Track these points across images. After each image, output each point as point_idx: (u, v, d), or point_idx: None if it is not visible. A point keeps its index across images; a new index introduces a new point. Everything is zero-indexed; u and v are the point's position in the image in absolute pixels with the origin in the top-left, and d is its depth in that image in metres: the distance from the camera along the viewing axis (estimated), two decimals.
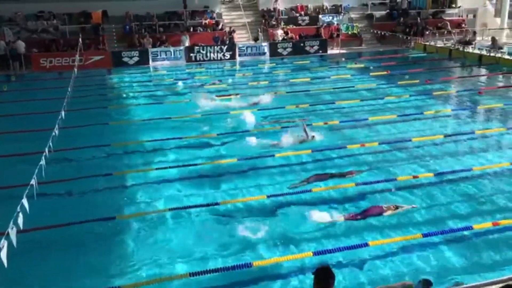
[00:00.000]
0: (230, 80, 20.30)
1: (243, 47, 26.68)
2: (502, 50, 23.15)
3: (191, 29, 27.89)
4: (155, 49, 25.82)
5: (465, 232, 7.52)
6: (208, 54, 25.98)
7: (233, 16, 30.01)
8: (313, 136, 12.03)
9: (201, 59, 25.89)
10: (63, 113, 12.74)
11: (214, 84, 19.83)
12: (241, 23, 29.29)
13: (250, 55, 26.48)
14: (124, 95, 18.74)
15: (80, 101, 16.22)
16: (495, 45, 23.33)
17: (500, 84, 18.93)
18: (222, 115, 14.75)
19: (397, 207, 8.33)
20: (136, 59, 25.27)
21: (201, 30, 27.97)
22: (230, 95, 17.39)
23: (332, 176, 9.90)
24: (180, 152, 11.88)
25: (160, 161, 11.15)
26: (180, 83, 20.34)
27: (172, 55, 25.72)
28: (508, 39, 27.93)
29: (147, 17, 28.19)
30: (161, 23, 28.05)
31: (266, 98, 16.44)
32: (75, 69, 19.78)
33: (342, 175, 9.93)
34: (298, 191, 9.19)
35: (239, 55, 26.34)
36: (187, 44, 26.50)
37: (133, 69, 24.35)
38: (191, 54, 25.82)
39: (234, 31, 27.70)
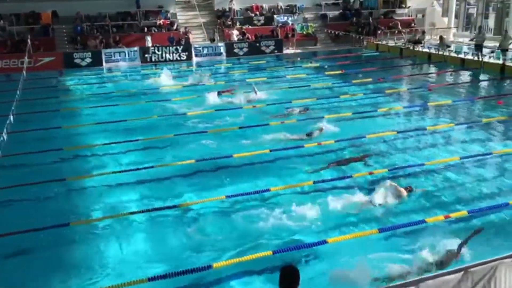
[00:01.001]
0: (185, 82, 20.06)
1: (199, 47, 26.54)
2: (449, 49, 24.06)
3: (145, 30, 27.46)
4: (108, 50, 25.27)
5: (417, 226, 7.73)
6: (164, 55, 25.67)
7: (188, 16, 29.79)
8: (322, 129, 12.42)
9: (157, 60, 25.55)
10: (11, 117, 12.25)
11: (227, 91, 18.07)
12: (197, 23, 29.11)
13: (206, 56, 26.37)
14: (77, 98, 18.23)
15: (30, 104, 15.66)
16: (443, 43, 24.21)
17: (448, 82, 19.66)
18: (179, 117, 14.61)
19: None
20: (88, 60, 24.65)
21: (156, 30, 27.59)
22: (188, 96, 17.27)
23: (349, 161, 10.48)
24: (136, 154, 11.66)
25: (115, 165, 10.91)
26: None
27: (127, 56, 25.27)
28: (455, 37, 29.08)
29: (99, 17, 27.56)
30: (114, 23, 27.47)
31: (224, 99, 16.41)
32: (24, 71, 19.07)
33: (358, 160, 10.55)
34: (258, 191, 9.22)
35: (195, 56, 26.16)
36: (150, 44, 26.11)
37: (86, 71, 23.74)
38: (146, 55, 25.44)
39: (189, 31, 27.48)
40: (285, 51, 27.65)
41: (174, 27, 28.17)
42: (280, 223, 8.05)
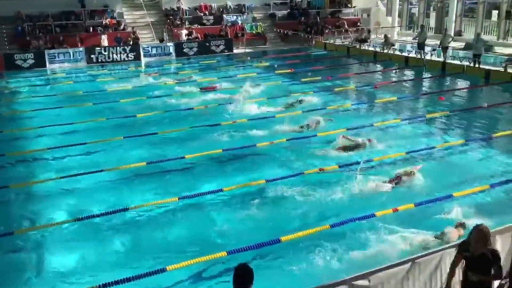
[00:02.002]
0: (132, 84, 19.62)
1: (148, 47, 26.09)
2: (394, 47, 24.89)
3: (91, 29, 26.70)
4: (52, 51, 24.38)
5: (366, 221, 7.94)
6: (111, 55, 25.05)
7: (136, 15, 29.22)
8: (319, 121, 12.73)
9: (103, 60, 24.89)
10: None
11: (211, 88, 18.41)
12: (144, 22, 28.61)
13: (155, 56, 25.96)
14: (19, 101, 17.48)
15: None
16: (387, 42, 25.00)
17: (393, 79, 20.31)
18: (129, 119, 14.32)
19: None
20: (31, 61, 23.69)
21: (102, 30, 26.87)
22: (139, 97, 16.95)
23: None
24: (83, 158, 11.32)
25: (61, 170, 10.53)
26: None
27: (71, 57, 24.48)
28: (399, 36, 30.09)
29: (41, 17, 26.52)
30: (57, 23, 26.53)
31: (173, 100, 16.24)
32: None
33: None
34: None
35: (144, 56, 25.70)
36: (106, 43, 25.38)
37: (28, 73, 22.81)
38: (92, 56, 24.73)
39: (137, 31, 26.96)
40: (235, 51, 27.67)
41: (121, 27, 27.55)
42: (231, 225, 8.06)
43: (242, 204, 8.88)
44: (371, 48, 25.78)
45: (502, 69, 18.94)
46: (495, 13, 27.12)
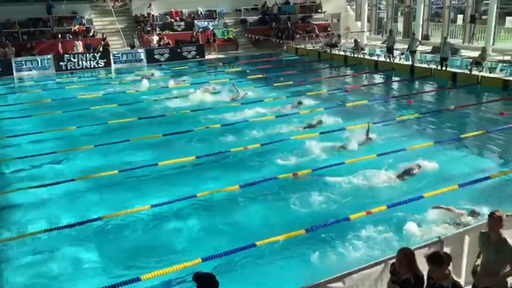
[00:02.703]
0: (102, 92, 19.35)
1: (118, 54, 25.78)
2: (363, 51, 25.30)
3: (59, 36, 26.25)
4: (19, 58, 23.85)
5: (343, 223, 8.03)
6: (80, 62, 24.68)
7: (105, 22, 28.87)
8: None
9: (73, 67, 24.49)
10: None
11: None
12: (114, 29, 28.28)
13: (126, 62, 25.69)
14: None
15: None
16: (357, 46, 25.40)
17: (364, 83, 20.63)
18: (100, 126, 14.12)
19: None
20: None
21: (71, 37, 26.45)
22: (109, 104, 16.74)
23: None
24: (52, 168, 11.11)
25: (30, 179, 10.29)
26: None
27: (40, 65, 24.00)
28: (368, 41, 30.60)
29: (8, 24, 25.93)
30: (24, 30, 25.98)
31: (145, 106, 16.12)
32: None
33: None
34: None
35: (114, 63, 25.40)
36: (80, 50, 24.94)
37: None
38: (61, 63, 24.30)
39: (107, 37, 26.63)
40: (207, 56, 27.63)
41: (91, 34, 27.17)
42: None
43: (216, 210, 8.88)
44: (341, 53, 26.14)
45: (468, 72, 19.48)
46: (460, 17, 27.92)
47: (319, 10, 32.92)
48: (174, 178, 10.38)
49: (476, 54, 20.27)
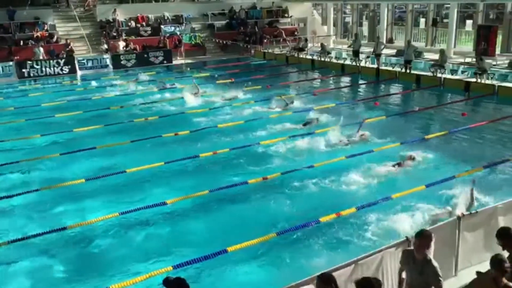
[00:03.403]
0: (67, 98, 18.92)
1: (83, 60, 25.29)
2: (330, 55, 25.64)
3: (21, 43, 25.57)
4: None
5: (314, 225, 8.09)
6: (44, 69, 24.07)
7: (69, 27, 28.29)
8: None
9: (36, 75, 23.87)
10: None
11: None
12: (79, 35, 27.75)
13: (91, 69, 25.21)
14: None
15: None
16: (324, 50, 25.73)
17: (331, 86, 20.88)
18: (65, 134, 13.82)
19: None
20: None
21: (33, 43, 25.79)
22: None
23: None
24: (17, 177, 10.80)
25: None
26: None
27: (1, 72, 23.26)
28: (335, 44, 31.04)
29: None
30: None
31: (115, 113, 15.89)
32: None
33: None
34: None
35: (80, 69, 24.89)
36: (41, 57, 24.27)
37: None
38: (24, 70, 23.65)
39: (71, 43, 26.10)
40: (175, 62, 27.41)
41: (54, 39, 26.57)
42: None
43: (186, 216, 8.83)
44: (308, 57, 26.42)
45: (431, 74, 20.00)
46: (422, 21, 28.67)
47: (286, 15, 33.18)
48: (142, 185, 10.26)
49: (437, 57, 20.79)
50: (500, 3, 24.48)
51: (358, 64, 23.14)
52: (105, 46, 26.73)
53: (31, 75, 23.75)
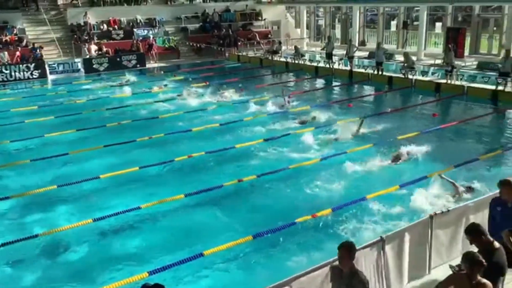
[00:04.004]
0: (38, 104, 18.53)
1: (54, 64, 24.83)
2: (304, 58, 25.84)
3: None
4: None
5: (290, 228, 8.11)
6: (13, 74, 23.54)
7: (39, 31, 27.74)
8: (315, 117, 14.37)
9: (5, 79, 23.31)
10: None
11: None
12: (49, 38, 27.23)
13: (62, 73, 24.78)
14: None
15: None
16: (298, 53, 25.91)
17: (305, 88, 21.03)
18: (36, 140, 13.52)
19: None
20: None
21: (1, 47, 25.17)
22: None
23: None
24: None
25: None
26: None
27: None
28: (308, 47, 31.30)
29: None
30: None
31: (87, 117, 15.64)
32: None
33: None
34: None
35: (50, 73, 24.42)
36: (6, 61, 23.65)
37: None
38: None
39: (41, 47, 25.58)
40: (148, 65, 27.17)
41: (24, 44, 26.00)
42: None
43: (161, 220, 8.75)
44: (282, 59, 26.55)
45: (402, 76, 20.35)
46: (394, 23, 29.19)
47: (260, 18, 33.27)
48: (117, 190, 10.13)
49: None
50: (468, 6, 25.13)
51: (331, 67, 23.38)
52: (84, 50, 26.28)
53: (0, 79, 23.19)
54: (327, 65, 23.62)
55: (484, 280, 4.47)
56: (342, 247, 4.82)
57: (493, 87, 17.50)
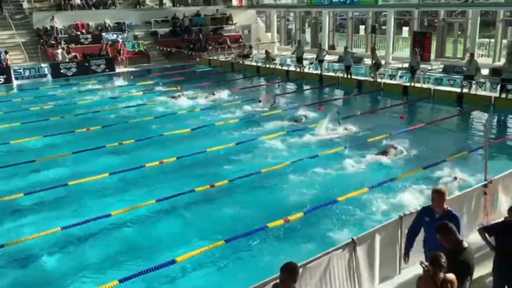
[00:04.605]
0: (2, 110, 18.04)
1: (20, 69, 24.21)
2: (275, 62, 25.97)
3: None
4: None
5: (262, 232, 8.12)
6: None
7: (4, 35, 27.04)
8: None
9: None
10: None
11: None
12: (15, 43, 26.56)
13: (28, 78, 24.18)
14: None
15: None
16: (268, 57, 26.03)
17: (277, 92, 21.11)
18: (0, 147, 13.17)
19: None
20: None
21: None
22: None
23: None
24: None
25: None
26: None
27: None
28: (279, 51, 31.50)
29: None
30: None
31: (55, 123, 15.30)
32: None
33: None
34: None
35: (16, 79, 23.80)
36: None
37: None
38: None
39: (7, 52, 24.90)
40: (117, 70, 26.79)
41: None
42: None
43: (133, 227, 8.63)
44: (253, 63, 26.63)
45: (371, 79, 20.70)
46: (362, 27, 29.68)
47: (230, 22, 33.32)
48: (86, 198, 9.93)
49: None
50: (434, 11, 25.79)
51: (302, 71, 23.57)
52: (63, 54, 25.71)
53: None
54: (298, 69, 23.80)
55: (449, 276, 4.56)
56: (284, 268, 4.48)
57: (459, 90, 17.97)
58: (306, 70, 23.62)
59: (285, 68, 24.87)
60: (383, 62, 22.19)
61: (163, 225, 8.77)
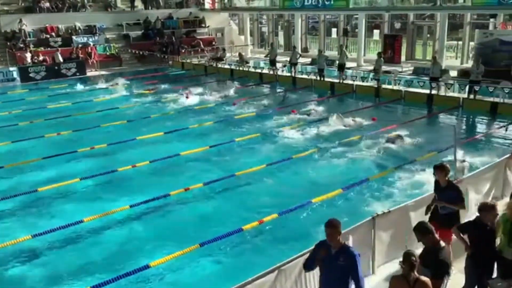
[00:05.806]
0: None
1: None
2: (248, 64, 26.00)
3: None
4: None
5: (237, 235, 8.10)
6: None
7: None
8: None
9: None
10: None
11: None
12: None
13: None
14: None
15: None
16: (242, 60, 26.04)
17: (250, 95, 21.14)
18: None
19: None
20: None
21: None
22: None
23: None
24: None
25: None
26: None
27: None
28: (252, 54, 31.56)
29: None
30: None
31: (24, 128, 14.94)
32: None
33: None
34: None
35: None
36: None
37: None
38: None
39: None
40: (89, 73, 26.36)
41: None
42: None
43: (106, 233, 8.50)
44: (227, 66, 26.59)
45: (341, 80, 20.95)
46: (334, 30, 30.02)
47: (203, 25, 33.20)
48: (57, 204, 9.76)
49: (350, 64, 21.84)
50: (403, 14, 26.30)
51: (275, 73, 23.66)
52: (27, 56, 25.14)
53: None
54: (271, 72, 23.88)
55: (423, 277, 4.63)
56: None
57: (428, 91, 18.35)
58: (279, 72, 23.71)
59: (258, 70, 24.92)
60: (354, 64, 22.47)
61: (136, 230, 8.68)
